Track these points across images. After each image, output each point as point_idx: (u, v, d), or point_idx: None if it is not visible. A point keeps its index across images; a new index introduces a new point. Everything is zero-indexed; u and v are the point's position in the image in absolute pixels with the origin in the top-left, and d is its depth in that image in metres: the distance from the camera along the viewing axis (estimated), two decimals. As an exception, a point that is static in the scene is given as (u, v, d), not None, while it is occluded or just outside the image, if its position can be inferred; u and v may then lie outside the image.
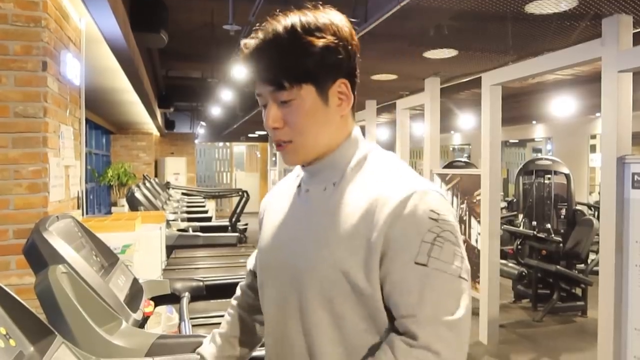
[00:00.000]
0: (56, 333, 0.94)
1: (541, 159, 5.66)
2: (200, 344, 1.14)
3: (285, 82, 0.86)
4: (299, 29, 0.86)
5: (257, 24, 0.91)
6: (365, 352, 0.85)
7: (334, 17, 0.90)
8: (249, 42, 0.90)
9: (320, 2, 0.93)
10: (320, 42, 0.86)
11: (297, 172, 1.04)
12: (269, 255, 0.99)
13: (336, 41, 0.88)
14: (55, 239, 1.33)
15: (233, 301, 1.17)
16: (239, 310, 1.14)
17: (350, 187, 0.90)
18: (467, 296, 0.83)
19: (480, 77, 3.72)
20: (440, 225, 0.83)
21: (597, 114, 8.38)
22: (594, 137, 9.40)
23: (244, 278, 1.22)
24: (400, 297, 0.82)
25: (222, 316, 1.17)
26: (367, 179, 0.90)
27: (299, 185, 1.00)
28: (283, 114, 0.89)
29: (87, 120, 3.21)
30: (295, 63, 0.86)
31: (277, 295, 0.94)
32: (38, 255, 1.31)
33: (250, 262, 1.21)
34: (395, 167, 0.92)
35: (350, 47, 0.90)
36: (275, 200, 1.07)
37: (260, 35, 0.88)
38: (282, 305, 0.93)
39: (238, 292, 1.19)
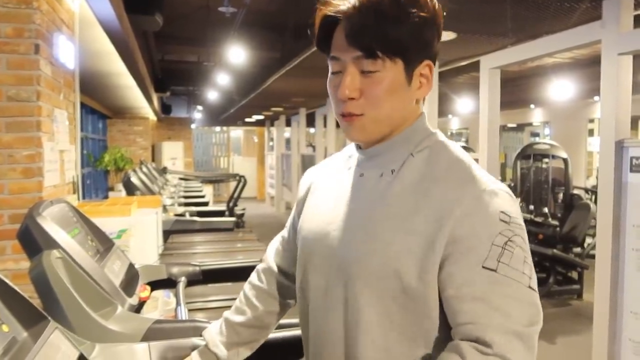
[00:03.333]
0: (50, 318, 0.93)
1: (539, 143, 5.66)
2: (196, 328, 1.13)
3: (378, 51, 0.80)
4: None
5: None
6: (408, 357, 0.80)
7: None
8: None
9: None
10: (421, 15, 0.80)
11: (349, 152, 0.98)
12: (314, 240, 0.92)
13: (433, 17, 0.83)
14: (49, 224, 1.32)
15: (246, 285, 1.13)
16: (250, 297, 1.10)
17: (411, 177, 0.84)
18: (539, 309, 0.78)
19: (478, 61, 3.69)
20: (511, 229, 0.77)
21: (596, 98, 8.35)
22: (592, 121, 9.39)
23: (241, 262, 1.20)
24: (464, 303, 0.76)
25: (219, 300, 1.16)
26: (430, 171, 0.83)
27: (352, 168, 0.93)
28: (362, 84, 0.82)
29: (83, 105, 3.18)
30: (394, 33, 0.79)
31: (322, 284, 0.89)
32: (32, 241, 1.30)
33: (272, 252, 1.15)
34: (463, 162, 0.85)
35: (439, 28, 0.86)
36: (324, 178, 1.00)
37: None
38: (326, 295, 0.88)
39: (253, 276, 1.14)
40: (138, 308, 1.51)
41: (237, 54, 5.29)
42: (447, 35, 4.09)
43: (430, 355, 0.81)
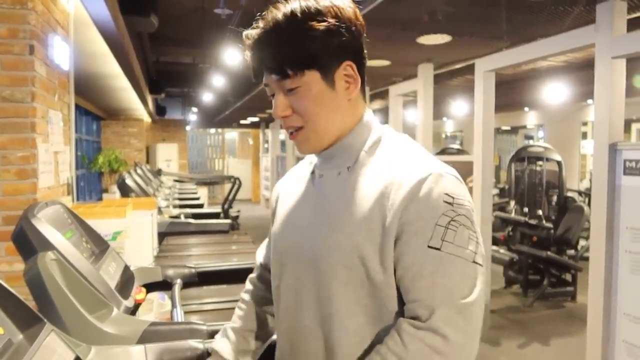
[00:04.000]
0: (45, 320, 0.93)
1: (533, 146, 5.68)
2: (192, 331, 1.13)
3: (288, 70, 0.86)
4: (298, 14, 0.85)
5: (258, 13, 0.91)
6: (380, 338, 0.84)
7: None
8: (251, 33, 0.89)
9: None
10: (321, 26, 0.85)
11: (310, 159, 1.03)
12: (284, 242, 0.97)
13: (337, 23, 0.86)
14: (44, 226, 1.32)
15: (244, 294, 1.15)
16: (251, 304, 1.12)
17: (365, 171, 0.89)
18: (480, 282, 0.82)
19: (473, 64, 3.70)
20: (455, 209, 0.82)
21: (589, 101, 8.41)
22: (585, 124, 9.44)
23: (236, 264, 1.21)
24: (412, 281, 0.81)
25: (215, 303, 1.16)
26: (381, 163, 0.89)
27: (313, 172, 0.98)
28: (290, 101, 0.88)
29: (77, 106, 3.16)
30: (297, 50, 0.85)
31: (294, 282, 0.93)
32: (27, 242, 1.29)
33: (260, 254, 1.19)
34: (410, 150, 0.91)
35: (354, 27, 0.89)
36: (289, 186, 1.05)
37: (261, 24, 0.88)
38: (298, 293, 0.91)
39: (248, 285, 1.17)
40: (133, 310, 1.50)
41: (232, 56, 5.29)
42: (442, 38, 4.11)
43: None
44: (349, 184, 0.89)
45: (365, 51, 0.92)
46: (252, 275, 1.18)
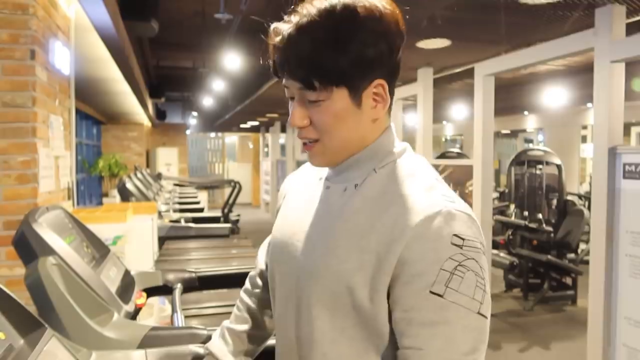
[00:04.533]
0: (46, 326, 0.93)
1: (533, 149, 5.69)
2: (193, 335, 1.13)
3: (316, 83, 0.77)
4: (337, 15, 0.75)
5: (292, 5, 0.80)
6: None
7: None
8: (280, 28, 0.79)
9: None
10: (359, 35, 0.75)
11: None
12: (280, 249, 0.94)
13: (378, 32, 0.77)
14: (45, 231, 1.32)
15: (242, 294, 1.13)
16: (249, 304, 1.10)
17: (371, 193, 0.82)
18: (484, 337, 0.75)
19: (472, 68, 3.71)
20: (464, 253, 0.74)
21: (589, 105, 8.42)
22: (585, 127, 9.46)
23: (236, 268, 1.21)
24: (408, 326, 0.74)
25: (215, 307, 1.16)
26: (389, 187, 0.81)
27: (321, 178, 0.93)
28: (310, 113, 0.81)
29: (77, 111, 3.17)
30: (329, 63, 0.75)
31: (285, 294, 0.90)
32: (27, 247, 1.29)
33: (262, 253, 1.16)
34: (422, 179, 0.82)
35: (394, 38, 0.79)
36: (297, 187, 1.00)
37: (293, 22, 0.77)
38: (286, 305, 0.89)
39: (247, 284, 1.14)
40: (134, 315, 1.50)
41: (232, 60, 5.30)
42: (441, 42, 4.12)
43: None
44: (352, 204, 0.83)
45: (400, 67, 0.83)
46: (252, 274, 1.15)
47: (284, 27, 0.79)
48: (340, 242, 0.80)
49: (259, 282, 1.12)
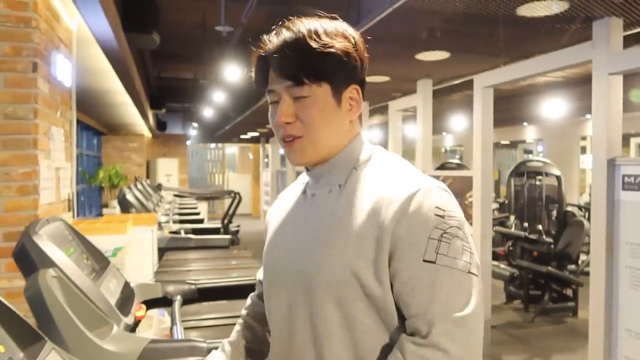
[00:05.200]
0: (46, 339, 0.93)
1: (532, 160, 5.70)
2: (192, 348, 1.13)
3: (304, 78, 0.89)
4: (321, 32, 0.90)
5: (274, 26, 0.95)
6: (377, 355, 0.85)
7: (348, 28, 0.94)
8: (272, 37, 0.92)
9: (318, 13, 0.96)
10: (341, 46, 0.90)
11: (303, 180, 1.05)
12: (274, 262, 0.98)
13: (353, 48, 0.92)
14: (46, 243, 1.32)
15: (243, 311, 1.16)
16: (250, 320, 1.13)
17: (355, 188, 0.91)
18: (477, 292, 0.82)
19: (472, 80, 3.73)
20: (446, 222, 0.83)
21: (588, 116, 8.45)
22: (584, 138, 9.47)
23: (236, 280, 1.22)
24: (410, 296, 0.81)
25: (214, 319, 1.16)
26: (371, 180, 0.91)
27: (304, 192, 1.00)
28: (296, 109, 0.90)
29: (78, 121, 3.18)
30: (317, 61, 0.88)
31: (285, 302, 0.92)
32: (28, 259, 1.29)
33: (260, 272, 1.18)
34: (399, 167, 0.93)
35: (363, 57, 0.94)
36: (280, 208, 1.06)
37: (284, 33, 0.91)
38: (290, 313, 0.91)
39: (248, 301, 1.18)
40: (133, 327, 1.50)
41: (233, 72, 5.33)
42: (440, 55, 4.14)
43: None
44: (340, 201, 0.91)
45: (365, 83, 0.97)
46: (253, 293, 1.19)
47: (275, 38, 0.92)
48: (337, 235, 0.87)
49: (259, 301, 1.15)
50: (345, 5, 3.74)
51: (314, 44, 0.88)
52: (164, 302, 1.78)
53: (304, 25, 0.91)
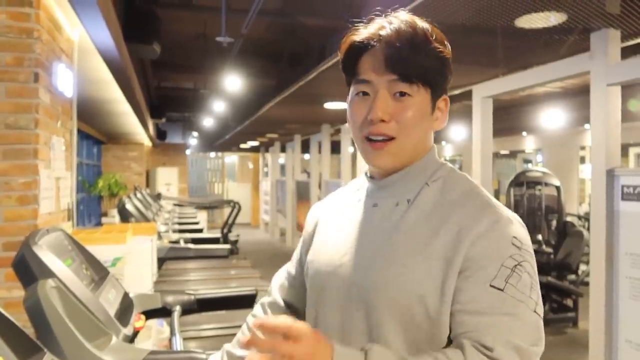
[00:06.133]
0: (45, 349, 0.93)
1: (532, 170, 5.71)
2: None
3: (413, 75, 0.84)
4: (431, 35, 0.86)
5: (373, 16, 0.91)
6: None
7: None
8: (385, 25, 0.87)
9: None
10: (446, 52, 0.88)
11: (357, 186, 1.00)
12: (327, 274, 0.92)
13: (450, 58, 0.89)
14: (45, 253, 1.32)
15: (249, 318, 1.12)
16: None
17: (426, 205, 0.86)
18: (542, 335, 0.79)
19: (471, 90, 3.75)
20: (522, 254, 0.80)
21: (587, 126, 8.47)
22: (583, 148, 9.49)
23: (235, 290, 1.20)
24: (469, 316, 0.78)
25: (213, 329, 1.15)
26: (446, 198, 0.87)
27: (360, 200, 0.95)
28: (394, 108, 0.85)
29: (78, 131, 3.19)
30: (426, 63, 0.85)
31: (338, 318, 0.88)
32: (27, 270, 1.29)
33: (277, 282, 1.14)
34: (478, 190, 0.89)
35: (451, 68, 0.91)
36: (331, 214, 1.01)
37: (396, 24, 0.86)
38: (343, 329, 0.87)
39: (258, 309, 1.12)
40: (132, 338, 1.49)
41: (233, 82, 5.35)
42: (440, 65, 4.16)
43: None
44: (409, 216, 0.86)
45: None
46: (264, 301, 1.13)
47: (389, 26, 0.86)
48: (402, 252, 0.83)
49: (270, 311, 1.10)
50: (345, 15, 3.76)
51: (434, 45, 0.85)
52: (163, 312, 1.78)
53: (415, 23, 0.87)
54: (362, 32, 0.88)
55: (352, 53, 0.89)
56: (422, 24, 0.87)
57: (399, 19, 0.87)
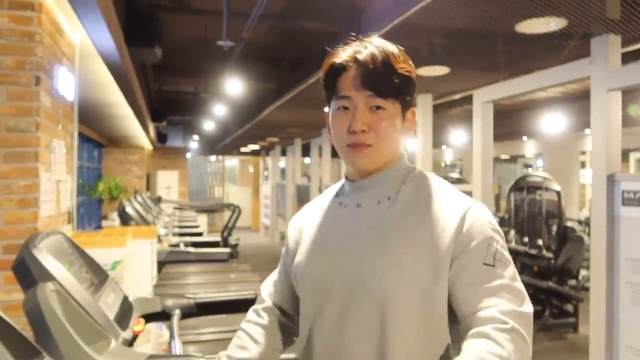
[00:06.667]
0: (44, 353, 0.93)
1: (532, 175, 5.70)
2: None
3: (386, 92, 0.98)
4: (399, 57, 1.00)
5: (349, 40, 1.04)
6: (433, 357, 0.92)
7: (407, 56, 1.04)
8: (361, 50, 0.99)
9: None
10: (411, 72, 1.01)
11: (335, 192, 1.11)
12: (321, 273, 1.00)
13: (415, 75, 1.03)
14: (45, 256, 1.32)
15: (245, 324, 1.16)
16: (251, 334, 1.12)
17: (406, 201, 1.00)
18: (527, 295, 0.92)
19: (471, 94, 3.75)
20: (496, 236, 0.95)
21: (587, 131, 8.47)
22: (583, 153, 9.49)
23: (235, 294, 1.22)
24: (474, 293, 0.89)
25: (212, 333, 1.16)
26: (422, 194, 1.01)
27: (342, 203, 1.06)
28: (371, 120, 0.98)
29: (79, 134, 3.20)
30: (397, 80, 0.98)
31: (338, 312, 0.96)
32: (27, 273, 1.29)
33: (266, 289, 1.21)
34: (445, 186, 1.03)
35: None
36: (314, 218, 1.10)
37: (370, 49, 0.99)
38: (344, 323, 0.95)
39: (252, 315, 1.18)
40: (131, 341, 1.49)
41: (234, 85, 5.36)
42: (440, 70, 4.17)
43: (445, 351, 0.93)
44: (394, 211, 0.99)
45: None
46: (256, 307, 1.19)
47: (365, 50, 0.99)
48: (393, 242, 0.95)
49: (265, 314, 1.16)
50: (345, 20, 3.77)
51: (401, 65, 0.99)
52: (162, 316, 1.77)
53: (388, 46, 1.00)
54: (341, 55, 1.01)
55: (332, 73, 1.01)
56: (392, 48, 1.01)
57: (372, 44, 1.00)
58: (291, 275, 1.10)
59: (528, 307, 0.91)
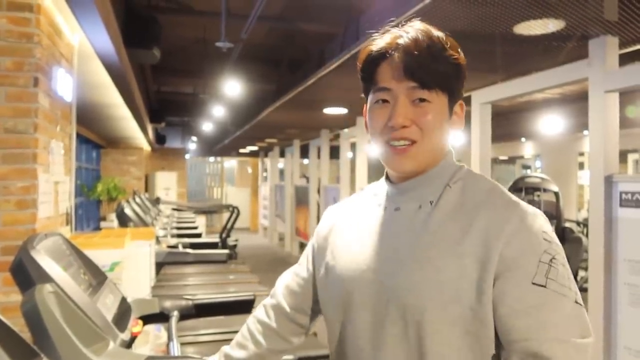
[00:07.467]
0: (42, 354, 0.93)
1: (530, 176, 5.70)
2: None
3: (432, 82, 0.87)
4: (446, 43, 0.89)
5: (390, 24, 0.92)
6: None
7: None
8: (402, 34, 0.88)
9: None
10: (461, 60, 0.90)
11: (374, 191, 1.01)
12: (354, 279, 0.91)
13: (464, 65, 0.91)
14: (43, 258, 1.32)
15: (251, 321, 1.11)
16: (255, 333, 1.08)
17: (450, 206, 0.88)
18: (588, 325, 0.81)
19: (470, 96, 3.76)
20: (553, 247, 0.82)
21: (585, 132, 8.48)
22: (582, 154, 9.50)
23: (233, 295, 1.20)
24: (517, 319, 0.79)
25: (210, 334, 1.15)
26: (468, 199, 0.88)
27: (380, 204, 0.96)
28: (414, 114, 0.87)
29: (77, 135, 3.20)
30: (444, 70, 0.87)
31: (369, 321, 0.88)
32: (25, 274, 1.29)
33: (281, 284, 1.12)
34: (499, 189, 0.91)
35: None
36: (348, 217, 1.01)
37: (413, 33, 0.88)
38: (375, 332, 0.87)
39: (261, 313, 1.11)
40: (129, 343, 1.49)
41: (232, 87, 5.36)
42: (439, 71, 4.17)
43: None
44: (434, 217, 0.87)
45: None
46: (267, 303, 1.12)
47: (406, 35, 0.88)
48: (432, 253, 0.84)
49: (273, 314, 1.09)
50: (344, 22, 3.78)
51: (449, 52, 0.88)
52: (160, 317, 1.77)
53: (430, 32, 0.89)
54: (379, 42, 0.90)
55: (370, 62, 0.90)
56: (437, 32, 0.89)
57: (414, 28, 0.88)
58: (316, 274, 1.03)
59: (585, 338, 0.78)
